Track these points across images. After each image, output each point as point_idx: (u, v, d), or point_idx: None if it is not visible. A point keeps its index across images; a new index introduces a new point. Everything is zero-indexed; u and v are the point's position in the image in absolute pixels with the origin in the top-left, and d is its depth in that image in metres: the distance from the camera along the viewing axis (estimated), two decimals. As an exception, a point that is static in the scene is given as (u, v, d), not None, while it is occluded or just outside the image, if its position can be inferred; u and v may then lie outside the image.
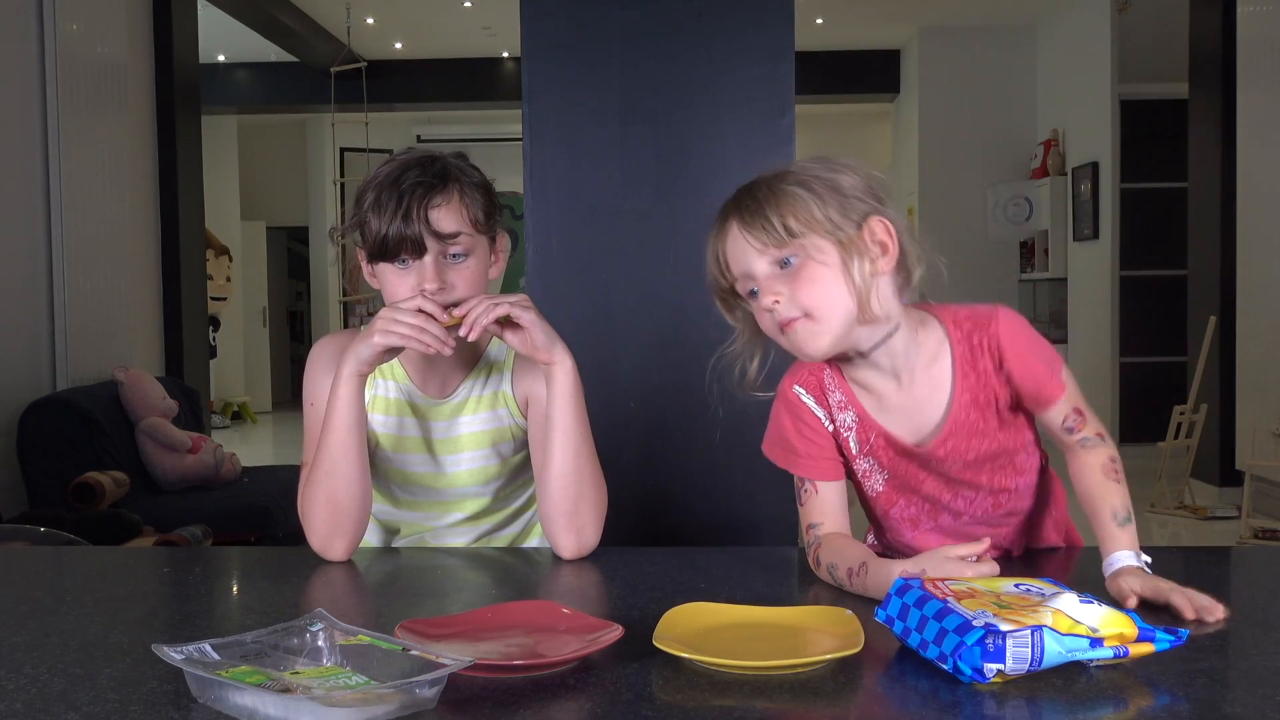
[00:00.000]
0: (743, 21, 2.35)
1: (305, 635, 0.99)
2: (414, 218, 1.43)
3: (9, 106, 4.20)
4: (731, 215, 1.28)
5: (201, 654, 0.94)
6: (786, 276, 1.25)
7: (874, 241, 1.26)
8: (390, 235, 1.43)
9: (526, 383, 1.57)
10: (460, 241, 1.46)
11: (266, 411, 11.09)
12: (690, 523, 2.36)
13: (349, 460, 1.45)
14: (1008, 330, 1.32)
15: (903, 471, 1.37)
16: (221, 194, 9.87)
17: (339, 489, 1.45)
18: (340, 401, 1.44)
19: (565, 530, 1.46)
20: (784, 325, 1.25)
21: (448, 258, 1.46)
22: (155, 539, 3.56)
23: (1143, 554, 1.25)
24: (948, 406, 1.32)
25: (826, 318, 1.25)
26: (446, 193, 1.46)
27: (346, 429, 1.45)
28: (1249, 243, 5.80)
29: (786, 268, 1.25)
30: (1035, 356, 1.33)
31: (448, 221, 1.45)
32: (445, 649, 0.97)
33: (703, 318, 2.39)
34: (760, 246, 1.25)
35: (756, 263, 1.26)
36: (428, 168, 1.47)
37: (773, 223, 1.24)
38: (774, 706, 0.91)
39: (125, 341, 4.85)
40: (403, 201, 1.43)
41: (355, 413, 1.45)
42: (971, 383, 1.32)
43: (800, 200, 1.25)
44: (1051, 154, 8.39)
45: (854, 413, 1.36)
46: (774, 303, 1.25)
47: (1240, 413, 5.85)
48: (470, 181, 1.50)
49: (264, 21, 7.81)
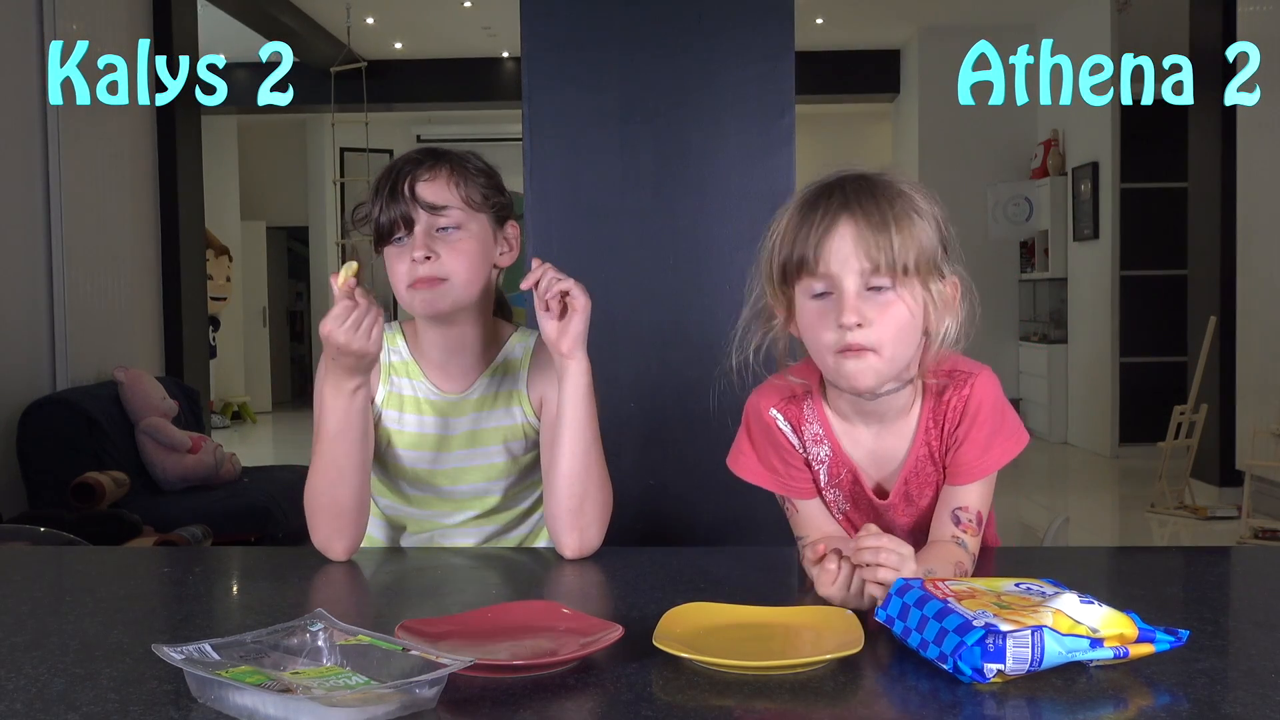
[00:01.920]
0: (743, 21, 2.35)
1: (305, 635, 0.98)
2: (401, 191, 1.47)
3: (9, 107, 4.20)
4: (844, 214, 1.21)
5: (202, 654, 0.94)
6: (874, 303, 1.20)
7: (947, 299, 1.24)
8: (383, 213, 1.48)
9: (542, 384, 1.57)
10: (449, 215, 1.48)
11: (266, 411, 11.09)
12: (690, 523, 2.36)
13: (355, 469, 1.46)
14: (979, 395, 1.29)
15: (864, 508, 1.38)
16: (221, 194, 9.87)
17: (341, 496, 1.45)
18: (349, 412, 1.44)
19: (569, 529, 1.46)
20: (848, 349, 1.21)
21: (438, 231, 1.48)
22: (155, 539, 3.56)
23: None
24: (904, 457, 1.33)
25: (891, 361, 1.22)
26: (435, 169, 1.50)
27: (355, 439, 1.45)
28: (1249, 243, 5.80)
29: (878, 293, 1.21)
30: (985, 431, 1.29)
31: (434, 194, 1.48)
32: (445, 649, 0.97)
33: (703, 318, 2.40)
34: (868, 266, 1.20)
35: (852, 274, 1.20)
36: (423, 153, 1.52)
37: (894, 249, 1.19)
38: (774, 706, 0.91)
39: (125, 341, 4.85)
40: (394, 180, 1.48)
41: (365, 421, 1.46)
42: (932, 437, 1.32)
43: (923, 233, 1.21)
44: (1051, 154, 8.40)
45: (829, 447, 1.35)
46: (856, 325, 1.19)
47: (1240, 413, 5.86)
48: (465, 162, 1.53)
49: (264, 21, 7.81)
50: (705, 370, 2.36)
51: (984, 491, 1.31)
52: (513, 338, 1.61)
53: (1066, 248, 8.32)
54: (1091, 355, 7.94)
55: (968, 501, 1.29)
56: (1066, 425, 8.30)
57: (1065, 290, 8.36)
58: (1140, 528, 5.63)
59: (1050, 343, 8.40)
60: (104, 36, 4.77)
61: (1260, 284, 5.68)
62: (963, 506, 1.29)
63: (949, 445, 1.31)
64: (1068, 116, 8.30)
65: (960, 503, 1.29)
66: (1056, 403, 8.33)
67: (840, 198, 1.23)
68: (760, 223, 2.34)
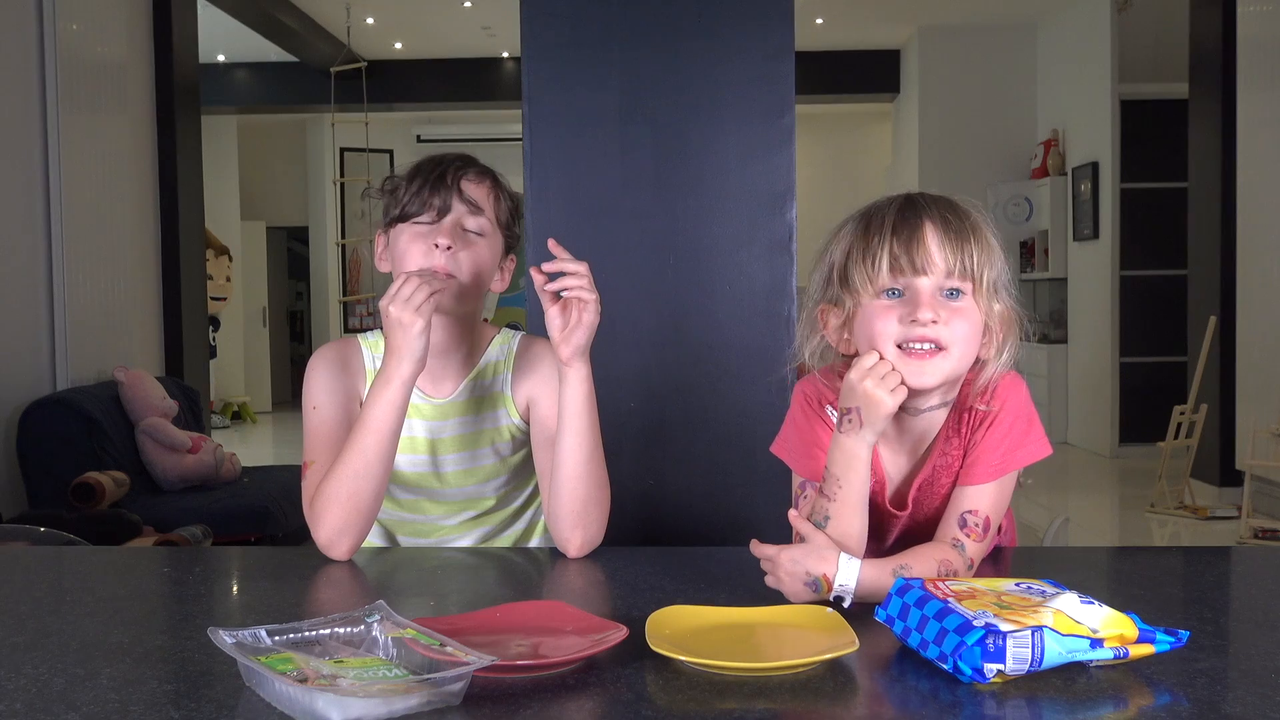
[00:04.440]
0: (743, 21, 2.35)
1: (361, 625, 1.00)
2: (448, 179, 1.52)
3: (9, 106, 4.20)
4: (927, 218, 1.25)
5: (255, 639, 0.95)
6: (948, 306, 1.24)
7: (1008, 324, 1.28)
8: (419, 193, 1.51)
9: (527, 386, 1.58)
10: (479, 220, 1.53)
11: (266, 411, 11.09)
12: (690, 523, 2.36)
13: (383, 464, 1.45)
14: (1003, 394, 1.30)
15: (875, 517, 1.38)
16: (221, 194, 9.87)
17: (364, 490, 1.44)
18: (388, 406, 1.43)
19: (573, 529, 1.47)
20: (921, 340, 1.23)
21: (465, 232, 1.51)
22: (155, 539, 3.56)
23: (847, 598, 1.17)
24: (921, 464, 1.34)
25: (956, 362, 1.25)
26: (482, 175, 1.56)
27: (390, 433, 1.44)
28: (1249, 243, 5.80)
29: (952, 297, 1.25)
30: (1006, 431, 1.29)
31: (477, 195, 1.53)
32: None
33: (703, 318, 2.40)
34: (949, 268, 1.24)
35: (935, 273, 1.24)
36: (472, 159, 1.58)
37: (973, 257, 1.24)
38: (774, 706, 0.91)
39: (125, 341, 4.85)
40: (441, 169, 1.53)
41: (399, 417, 1.45)
42: (952, 446, 1.32)
43: (995, 254, 1.26)
44: (1051, 154, 8.40)
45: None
46: (932, 321, 1.22)
47: (1240, 413, 5.85)
48: (503, 185, 1.59)
49: (264, 21, 7.81)
50: (705, 370, 2.37)
51: (997, 496, 1.28)
52: (495, 341, 1.62)
53: (1066, 248, 8.32)
54: (1091, 355, 7.94)
55: (979, 505, 1.27)
56: (1066, 425, 8.30)
57: (1065, 290, 8.36)
58: (1140, 528, 5.63)
59: (1050, 343, 8.40)
60: (104, 36, 4.77)
61: (1260, 284, 5.68)
62: (972, 510, 1.27)
63: (968, 449, 1.31)
64: (1068, 116, 8.30)
65: (971, 505, 1.28)
66: (1056, 403, 8.33)
67: (922, 205, 1.27)
68: (760, 222, 2.35)
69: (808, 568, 1.17)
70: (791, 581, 1.18)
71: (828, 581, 1.17)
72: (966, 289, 1.24)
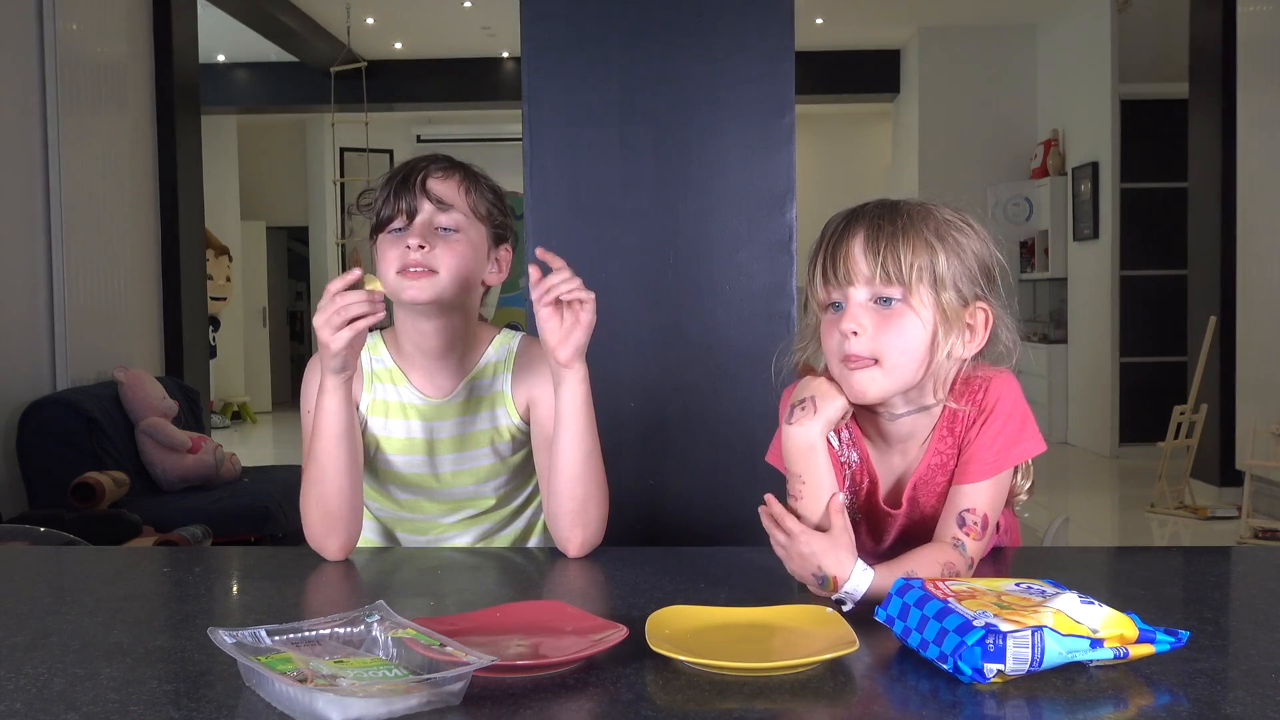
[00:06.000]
0: (743, 21, 2.35)
1: (362, 625, 1.00)
2: (412, 183, 1.52)
3: (9, 106, 4.20)
4: (862, 225, 1.24)
5: (255, 639, 0.95)
6: (878, 314, 1.22)
7: (968, 324, 1.25)
8: (389, 200, 1.51)
9: (527, 386, 1.59)
10: (451, 215, 1.52)
11: (266, 411, 11.09)
12: (690, 523, 2.36)
13: (338, 468, 1.46)
14: (995, 393, 1.28)
15: (871, 517, 1.38)
16: (221, 194, 9.87)
17: (329, 495, 1.46)
18: (325, 413, 1.45)
19: (573, 528, 1.47)
20: (849, 358, 1.22)
21: (438, 230, 1.51)
22: (155, 539, 3.56)
23: (850, 604, 1.17)
24: (915, 464, 1.33)
25: (893, 373, 1.23)
26: (449, 171, 1.55)
27: (334, 438, 1.46)
28: (1249, 243, 5.80)
29: (884, 306, 1.22)
30: (999, 428, 1.28)
31: (443, 191, 1.52)
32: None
33: (703, 318, 2.40)
34: (869, 275, 1.21)
35: (859, 283, 1.22)
36: (441, 157, 1.57)
37: (898, 256, 1.20)
38: (774, 706, 0.91)
39: (125, 341, 4.85)
40: (406, 172, 1.53)
41: (342, 422, 1.46)
42: (946, 445, 1.32)
43: (948, 253, 1.22)
44: (1051, 154, 8.40)
45: (858, 453, 1.36)
46: (853, 333, 1.21)
47: (1240, 413, 5.85)
48: (477, 176, 1.58)
49: (264, 21, 7.81)
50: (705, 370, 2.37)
51: (994, 494, 1.28)
52: (494, 341, 1.62)
53: (1066, 248, 8.32)
54: (1091, 355, 7.94)
55: (976, 503, 1.27)
56: (1066, 425, 8.30)
57: (1065, 290, 8.36)
58: (1140, 528, 5.63)
59: (1050, 342, 8.40)
60: (104, 36, 4.77)
61: (1260, 284, 5.68)
62: (970, 509, 1.27)
63: (962, 447, 1.30)
64: (1068, 116, 8.30)
65: (968, 504, 1.27)
66: (1056, 403, 8.33)
67: (862, 213, 1.26)
68: (760, 222, 2.35)
69: (821, 563, 1.17)
70: (800, 567, 1.19)
71: (835, 584, 1.17)
72: (896, 294, 1.22)
